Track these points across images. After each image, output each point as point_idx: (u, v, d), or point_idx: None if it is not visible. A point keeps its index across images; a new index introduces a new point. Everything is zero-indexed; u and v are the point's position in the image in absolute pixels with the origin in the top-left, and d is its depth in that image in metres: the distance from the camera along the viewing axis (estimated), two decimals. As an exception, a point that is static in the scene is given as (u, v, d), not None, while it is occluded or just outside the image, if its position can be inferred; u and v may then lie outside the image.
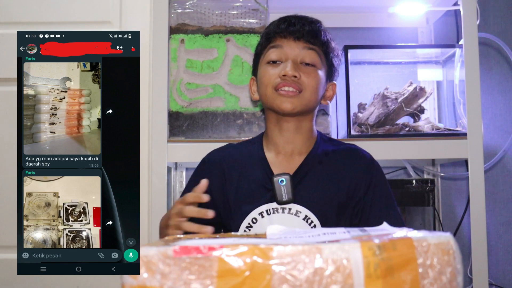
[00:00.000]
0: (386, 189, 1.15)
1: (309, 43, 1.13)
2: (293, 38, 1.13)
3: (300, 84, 1.10)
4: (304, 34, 1.13)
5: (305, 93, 1.11)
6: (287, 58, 1.12)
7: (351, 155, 1.17)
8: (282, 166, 1.15)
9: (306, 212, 1.09)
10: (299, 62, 1.13)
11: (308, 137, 1.17)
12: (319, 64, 1.14)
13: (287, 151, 1.16)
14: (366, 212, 1.11)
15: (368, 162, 1.16)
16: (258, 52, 1.20)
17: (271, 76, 1.12)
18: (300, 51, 1.12)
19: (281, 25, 1.15)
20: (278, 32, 1.14)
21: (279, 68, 1.12)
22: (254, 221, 1.10)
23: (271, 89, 1.12)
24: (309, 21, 1.16)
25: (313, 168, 1.14)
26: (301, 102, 1.11)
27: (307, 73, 1.12)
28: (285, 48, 1.13)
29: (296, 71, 1.10)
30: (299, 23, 1.14)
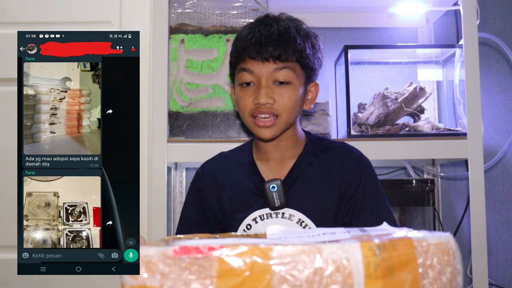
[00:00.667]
0: (376, 186, 1.14)
1: (279, 62, 1.07)
2: (261, 59, 1.07)
3: (275, 109, 1.08)
4: (272, 54, 1.06)
5: (281, 117, 1.09)
6: (259, 81, 1.08)
7: (341, 154, 1.16)
8: (272, 172, 1.15)
9: (300, 215, 1.09)
10: (272, 82, 1.08)
11: (294, 142, 1.17)
12: (294, 80, 1.09)
13: (276, 157, 1.16)
14: (357, 209, 1.11)
15: (357, 159, 1.15)
16: (231, 62, 1.16)
17: (246, 102, 1.09)
18: (271, 72, 1.07)
19: (248, 41, 1.09)
20: (246, 52, 1.09)
21: (252, 92, 1.09)
22: (248, 227, 1.11)
23: (248, 116, 1.10)
24: (276, 33, 1.08)
25: (303, 171, 1.13)
26: (278, 127, 1.10)
27: (281, 94, 1.08)
28: (256, 71, 1.08)
29: (269, 97, 1.06)
30: (267, 38, 1.07)
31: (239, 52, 1.11)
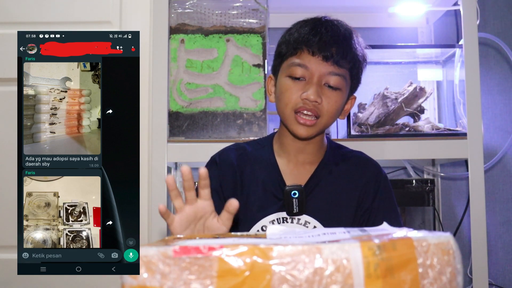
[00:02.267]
0: (391, 200, 1.15)
1: (337, 66, 1.06)
2: (322, 57, 1.05)
3: (319, 109, 1.06)
4: (333, 55, 1.05)
5: (322, 119, 1.07)
6: (311, 78, 1.06)
7: (360, 165, 1.16)
8: (293, 175, 1.13)
9: (315, 223, 1.09)
10: (323, 83, 1.07)
11: (319, 146, 1.16)
12: (343, 88, 1.09)
13: (298, 160, 1.15)
14: (371, 220, 1.11)
15: (376, 171, 1.16)
16: (282, 53, 1.12)
17: (292, 95, 1.07)
18: (326, 74, 1.06)
19: (311, 36, 1.07)
20: (307, 46, 1.06)
21: (301, 87, 1.07)
22: (264, 228, 1.10)
23: (290, 110, 1.08)
24: (342, 36, 1.08)
25: (323, 179, 1.13)
26: (317, 129, 1.09)
27: (329, 97, 1.07)
28: (311, 68, 1.06)
29: (318, 96, 1.05)
30: (332, 38, 1.06)
31: (298, 43, 1.08)
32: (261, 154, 1.17)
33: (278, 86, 1.12)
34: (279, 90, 1.11)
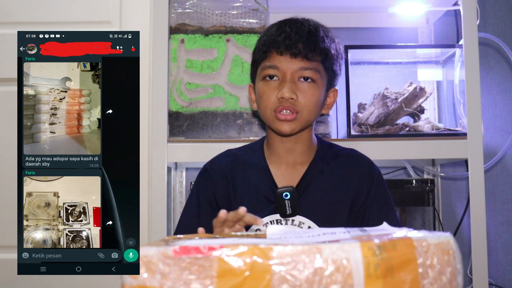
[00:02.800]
0: (386, 195, 1.15)
1: (307, 60, 1.08)
2: (290, 54, 1.08)
3: (297, 105, 1.08)
4: (301, 50, 1.08)
5: (302, 114, 1.09)
6: (284, 77, 1.09)
7: (352, 162, 1.17)
8: (284, 177, 1.14)
9: (309, 223, 1.09)
10: (297, 79, 1.09)
11: (308, 146, 1.17)
12: (318, 79, 1.10)
13: (289, 161, 1.16)
14: (366, 217, 1.11)
15: (368, 167, 1.16)
16: (255, 60, 1.16)
17: (269, 97, 1.09)
18: (297, 69, 1.09)
19: (277, 37, 1.09)
20: (274, 47, 1.09)
21: (276, 88, 1.09)
22: (258, 231, 1.10)
23: (270, 111, 1.10)
24: (306, 31, 1.10)
25: (315, 179, 1.13)
26: (299, 123, 1.10)
27: (305, 91, 1.09)
28: (282, 67, 1.09)
29: (293, 92, 1.07)
30: (296, 35, 1.09)
31: (266, 46, 1.11)
32: (252, 159, 1.18)
33: (257, 92, 1.15)
34: (258, 95, 1.14)
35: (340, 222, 1.09)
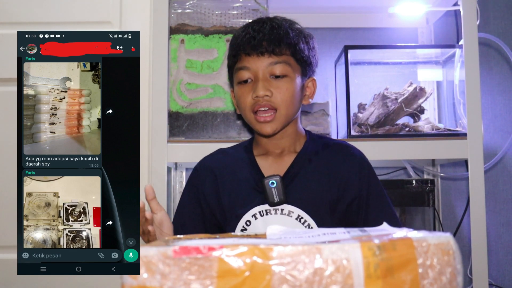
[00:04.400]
0: (379, 184, 1.16)
1: (274, 56, 1.10)
2: (256, 54, 1.10)
3: (274, 102, 1.10)
4: (266, 48, 1.10)
5: (280, 110, 1.10)
6: (256, 76, 1.11)
7: (341, 152, 1.18)
8: (272, 167, 1.16)
9: (299, 212, 1.09)
10: (269, 76, 1.11)
11: (295, 138, 1.18)
12: (290, 73, 1.12)
13: (276, 153, 1.17)
14: (364, 208, 1.12)
15: (359, 160, 1.16)
16: (229, 65, 1.19)
17: (246, 98, 1.12)
18: (266, 66, 1.10)
19: (242, 38, 1.12)
20: (241, 49, 1.12)
21: (251, 88, 1.11)
22: (248, 223, 1.11)
23: (249, 112, 1.12)
24: (269, 28, 1.12)
25: (303, 168, 1.14)
26: (279, 122, 1.11)
27: (279, 87, 1.10)
28: (252, 67, 1.11)
29: (267, 89, 1.09)
30: (259, 33, 1.11)
31: (234, 50, 1.15)
32: (240, 154, 1.20)
33: (235, 96, 1.17)
34: (237, 99, 1.16)
35: (328, 210, 1.10)
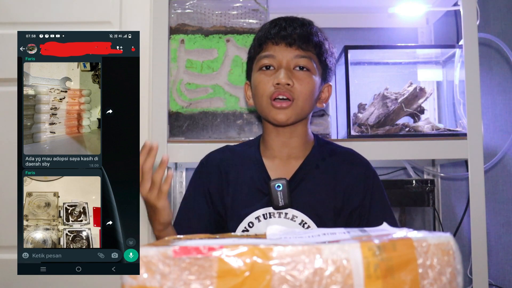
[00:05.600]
0: (383, 195, 1.16)
1: (301, 49, 1.12)
2: (285, 44, 1.12)
3: (293, 92, 1.10)
4: (295, 40, 1.11)
5: (298, 101, 1.10)
6: (280, 65, 1.12)
7: (348, 160, 1.18)
8: (279, 170, 1.15)
9: (303, 217, 1.09)
10: (292, 68, 1.12)
11: (303, 141, 1.17)
12: (313, 69, 1.13)
13: (283, 155, 1.16)
14: (365, 217, 1.12)
15: (365, 168, 1.16)
16: (251, 56, 1.20)
17: (266, 85, 1.11)
18: (293, 57, 1.11)
19: (272, 29, 1.13)
20: (270, 38, 1.13)
21: (272, 76, 1.11)
22: (250, 225, 1.11)
23: (267, 98, 1.11)
24: (300, 24, 1.14)
25: (309, 173, 1.14)
26: (294, 111, 1.11)
27: (301, 79, 1.11)
28: (278, 56, 1.12)
29: (289, 78, 1.09)
30: (290, 26, 1.12)
31: (262, 39, 1.15)
32: (248, 153, 1.19)
33: (253, 84, 1.16)
34: (254, 86, 1.16)
35: (332, 217, 1.10)
